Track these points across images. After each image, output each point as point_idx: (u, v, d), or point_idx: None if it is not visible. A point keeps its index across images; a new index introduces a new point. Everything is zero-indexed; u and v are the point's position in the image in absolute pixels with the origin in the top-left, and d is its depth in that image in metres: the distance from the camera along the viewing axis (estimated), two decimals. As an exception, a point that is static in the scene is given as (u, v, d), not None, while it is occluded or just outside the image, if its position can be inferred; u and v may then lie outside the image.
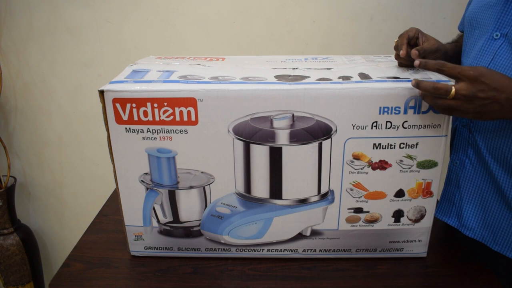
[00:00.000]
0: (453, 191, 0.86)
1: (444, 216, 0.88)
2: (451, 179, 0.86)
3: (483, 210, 0.81)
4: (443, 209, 0.89)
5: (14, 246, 1.49)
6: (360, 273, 0.81)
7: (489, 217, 0.81)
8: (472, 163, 0.81)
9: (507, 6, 0.74)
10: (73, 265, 0.84)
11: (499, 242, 0.80)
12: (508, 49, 0.73)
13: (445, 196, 0.89)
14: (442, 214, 0.89)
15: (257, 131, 0.74)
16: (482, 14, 0.79)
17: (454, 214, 0.86)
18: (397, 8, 1.28)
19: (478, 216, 0.82)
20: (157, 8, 1.31)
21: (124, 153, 0.76)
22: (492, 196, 0.80)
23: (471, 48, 0.82)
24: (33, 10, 1.33)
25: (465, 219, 0.84)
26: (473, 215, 0.83)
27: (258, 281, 0.79)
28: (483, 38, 0.78)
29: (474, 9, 0.82)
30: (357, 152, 0.75)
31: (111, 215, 1.01)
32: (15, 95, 1.45)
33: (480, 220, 0.82)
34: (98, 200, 1.11)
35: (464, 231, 0.84)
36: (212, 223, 0.81)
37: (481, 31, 0.79)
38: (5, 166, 1.50)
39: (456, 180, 0.85)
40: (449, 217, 0.87)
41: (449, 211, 0.87)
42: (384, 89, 0.71)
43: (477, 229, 0.83)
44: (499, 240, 0.80)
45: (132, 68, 0.83)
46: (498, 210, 0.79)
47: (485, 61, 0.76)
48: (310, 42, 1.32)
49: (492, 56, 0.75)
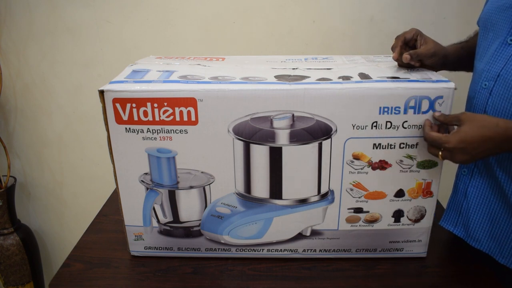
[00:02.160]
0: (461, 200, 0.84)
1: (450, 226, 0.86)
2: (459, 188, 0.84)
3: (490, 221, 0.79)
4: (450, 218, 0.86)
5: (14, 246, 1.49)
6: (360, 273, 0.81)
7: (496, 228, 0.79)
8: (481, 173, 0.79)
9: None
10: (73, 265, 0.84)
11: (506, 255, 0.78)
12: None
13: (452, 205, 0.86)
14: (448, 223, 0.87)
15: (257, 131, 0.74)
16: (497, 16, 0.76)
17: (460, 224, 0.84)
18: (397, 8, 1.28)
19: (485, 227, 0.80)
20: (157, 8, 1.31)
21: (124, 153, 0.76)
22: (500, 208, 0.77)
23: (484, 51, 0.79)
24: (33, 10, 1.33)
25: (472, 230, 0.82)
26: (480, 226, 0.81)
27: (258, 281, 0.80)
28: (497, 41, 0.75)
29: (489, 10, 0.79)
30: (357, 152, 0.75)
31: (111, 215, 1.01)
32: (15, 95, 1.45)
33: (487, 231, 0.80)
34: (98, 200, 1.11)
35: (471, 242, 0.82)
36: (212, 223, 0.81)
37: (495, 34, 0.76)
38: (5, 166, 1.50)
39: (464, 190, 0.83)
40: (455, 226, 0.85)
41: (455, 221, 0.85)
42: (384, 89, 0.71)
43: (484, 241, 0.81)
44: (506, 253, 0.78)
45: (132, 68, 0.83)
46: (506, 222, 0.77)
47: (497, 67, 0.73)
48: (310, 42, 1.32)
49: (505, 62, 0.72)
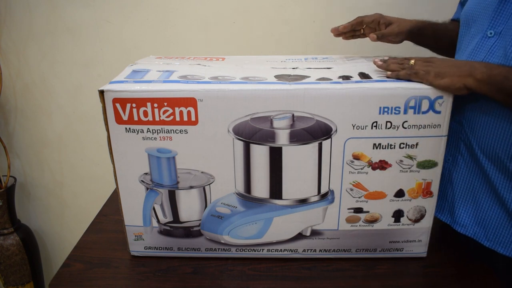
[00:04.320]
0: (446, 187, 0.86)
1: (437, 213, 0.88)
2: (444, 175, 0.86)
3: (475, 206, 0.82)
4: (436, 205, 0.88)
5: (14, 246, 1.49)
6: (360, 273, 0.81)
7: (480, 213, 0.81)
8: (465, 160, 0.82)
9: (502, 4, 0.74)
10: (73, 265, 0.84)
11: (491, 238, 0.80)
12: (502, 47, 0.73)
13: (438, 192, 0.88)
14: (435, 210, 0.88)
15: (257, 131, 0.74)
16: (477, 11, 0.79)
17: (446, 210, 0.87)
18: (397, 8, 1.28)
19: (470, 212, 0.82)
20: (157, 8, 1.31)
21: (124, 153, 0.76)
22: (484, 192, 0.80)
23: (466, 45, 0.82)
24: (33, 10, 1.33)
25: (457, 216, 0.84)
26: (465, 212, 0.83)
27: (258, 281, 0.80)
28: (478, 36, 0.78)
29: (470, 7, 0.82)
30: (357, 152, 0.75)
31: (111, 215, 1.01)
32: (15, 95, 1.45)
33: (472, 216, 0.82)
34: (98, 200, 1.11)
35: (457, 227, 0.84)
36: (212, 223, 0.81)
37: (476, 29, 0.79)
38: (5, 166, 1.50)
39: (449, 177, 0.85)
40: (442, 213, 0.88)
41: (442, 208, 0.88)
42: (384, 89, 0.71)
43: (469, 226, 0.83)
44: (491, 236, 0.80)
45: (132, 68, 0.83)
46: (489, 206, 0.79)
47: (478, 59, 0.76)
48: (310, 42, 1.32)
49: (485, 54, 0.75)
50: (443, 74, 0.69)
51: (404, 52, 1.02)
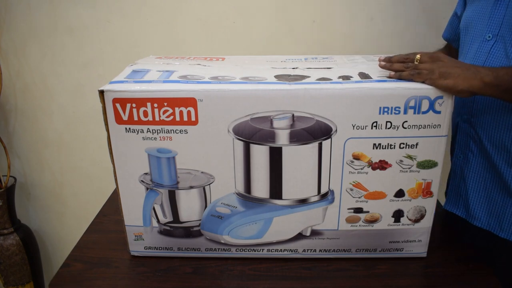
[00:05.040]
0: (459, 183, 0.90)
1: (453, 208, 0.92)
2: (456, 172, 0.90)
3: (488, 200, 0.85)
4: (451, 201, 0.93)
5: (14, 246, 1.49)
6: (360, 273, 0.81)
7: (494, 206, 0.84)
8: (475, 156, 0.85)
9: (495, 7, 0.78)
10: (73, 265, 0.84)
11: (505, 229, 0.83)
12: (501, 48, 0.76)
13: (452, 189, 0.92)
14: (451, 206, 0.93)
15: (257, 131, 0.74)
16: (475, 17, 0.83)
17: (461, 205, 0.90)
18: (397, 8, 1.28)
19: (484, 206, 0.86)
20: (157, 8, 1.31)
21: (124, 153, 0.76)
22: (495, 186, 0.83)
23: (467, 50, 0.85)
24: (33, 10, 1.33)
25: (472, 210, 0.87)
26: (479, 205, 0.86)
27: (258, 281, 0.79)
28: (478, 41, 0.81)
29: (468, 15, 0.86)
30: (357, 152, 0.75)
31: (111, 215, 1.01)
32: (15, 95, 1.45)
33: (486, 210, 0.85)
34: (98, 200, 1.11)
35: (472, 221, 0.88)
36: (212, 223, 0.81)
37: (476, 34, 0.82)
38: (5, 166, 1.50)
39: (461, 173, 0.89)
40: (457, 208, 0.91)
41: (457, 203, 0.91)
42: (384, 89, 0.71)
43: (484, 219, 0.86)
44: (505, 226, 0.83)
45: (132, 68, 0.83)
46: (501, 199, 0.82)
47: (479, 62, 0.79)
48: (310, 42, 1.32)
49: (486, 56, 0.78)
50: (447, 75, 0.69)
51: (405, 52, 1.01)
